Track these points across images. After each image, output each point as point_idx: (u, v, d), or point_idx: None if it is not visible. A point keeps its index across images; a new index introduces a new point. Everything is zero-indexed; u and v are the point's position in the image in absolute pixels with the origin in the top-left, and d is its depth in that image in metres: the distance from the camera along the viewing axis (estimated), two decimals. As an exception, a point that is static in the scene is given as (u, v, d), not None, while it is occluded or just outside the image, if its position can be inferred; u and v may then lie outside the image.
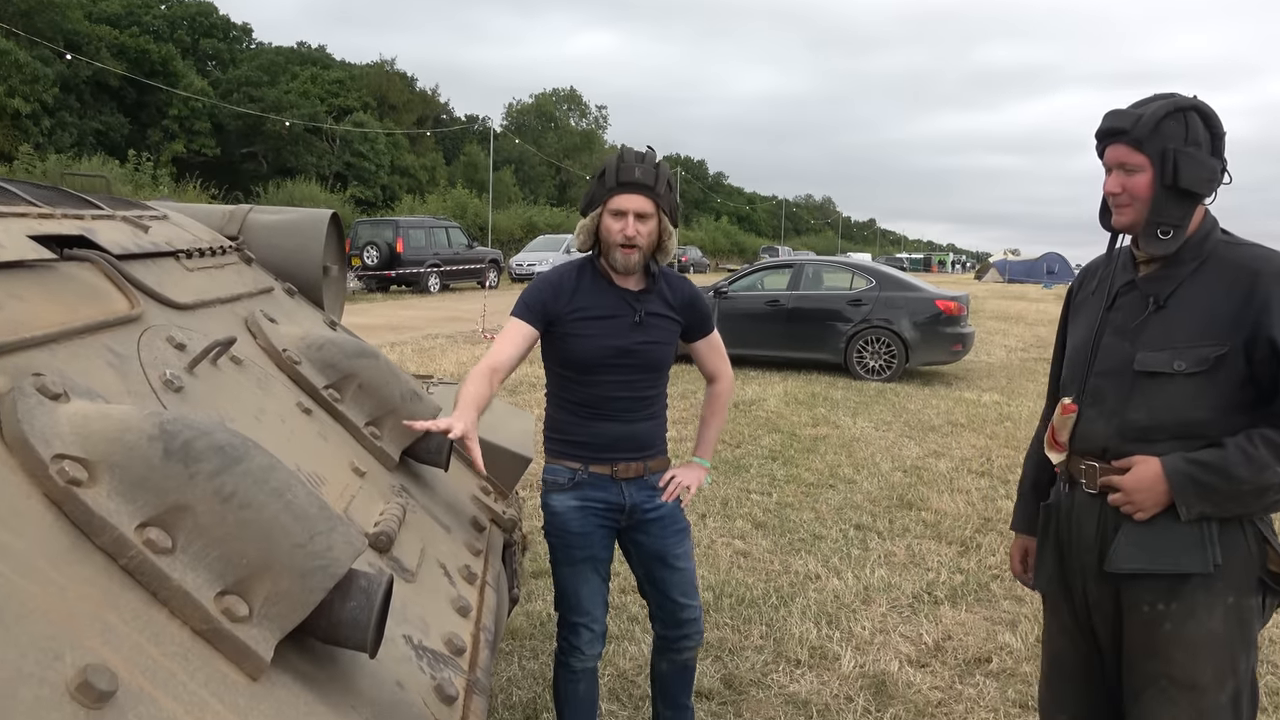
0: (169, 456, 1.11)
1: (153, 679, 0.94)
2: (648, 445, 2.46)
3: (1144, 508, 1.84)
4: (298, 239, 2.66)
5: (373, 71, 56.26)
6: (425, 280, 22.21)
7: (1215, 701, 1.80)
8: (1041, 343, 16.02)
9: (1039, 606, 4.05)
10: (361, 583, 1.20)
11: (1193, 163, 1.79)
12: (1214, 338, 1.80)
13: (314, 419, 1.91)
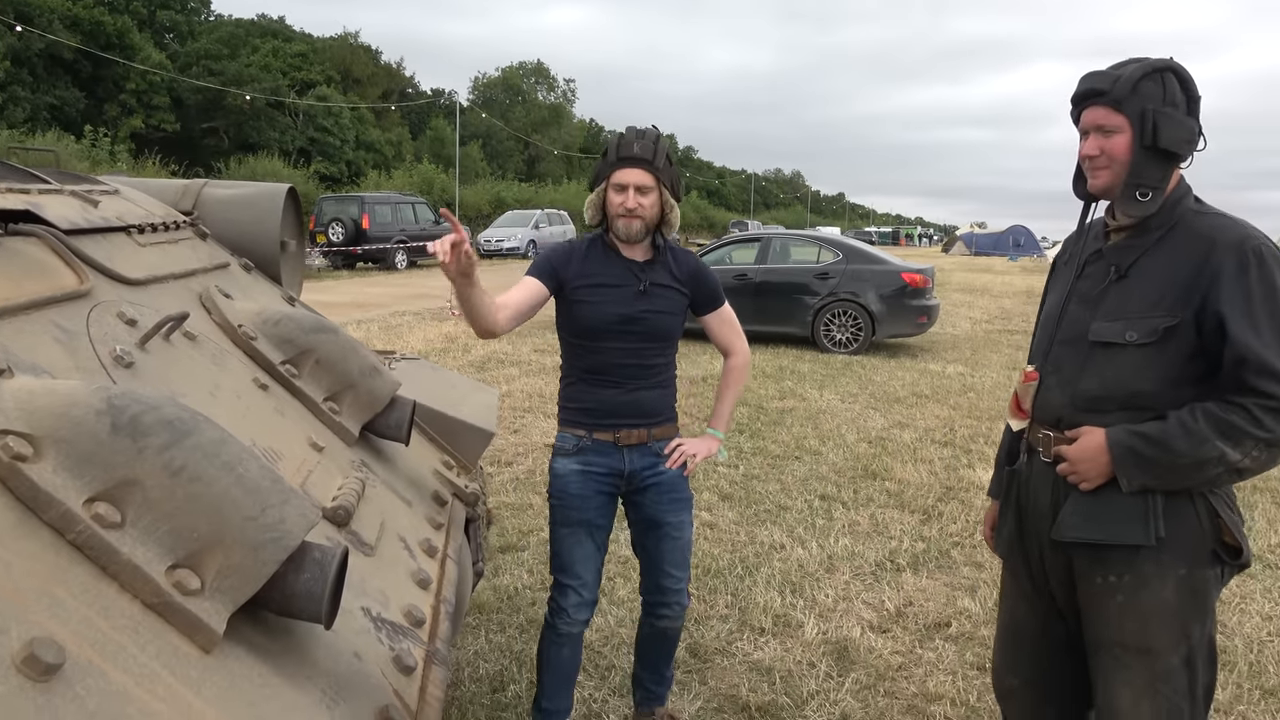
0: (117, 431, 1.10)
1: (102, 652, 0.94)
2: (652, 413, 2.52)
3: (1088, 478, 1.86)
4: (254, 214, 2.63)
5: (336, 44, 55.30)
6: (392, 257, 22.01)
7: (1168, 664, 1.83)
8: (1006, 314, 16.21)
9: (998, 573, 4.13)
10: (315, 555, 1.21)
11: (1172, 123, 1.78)
12: (1166, 309, 1.80)
13: (271, 395, 1.90)
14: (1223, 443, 1.71)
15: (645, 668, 2.75)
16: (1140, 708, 1.84)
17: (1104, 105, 1.82)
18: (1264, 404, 1.69)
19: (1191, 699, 1.85)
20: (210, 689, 1.03)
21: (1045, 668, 2.10)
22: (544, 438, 6.29)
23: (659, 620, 2.64)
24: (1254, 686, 3.17)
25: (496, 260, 27.88)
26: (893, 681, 3.16)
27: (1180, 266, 1.79)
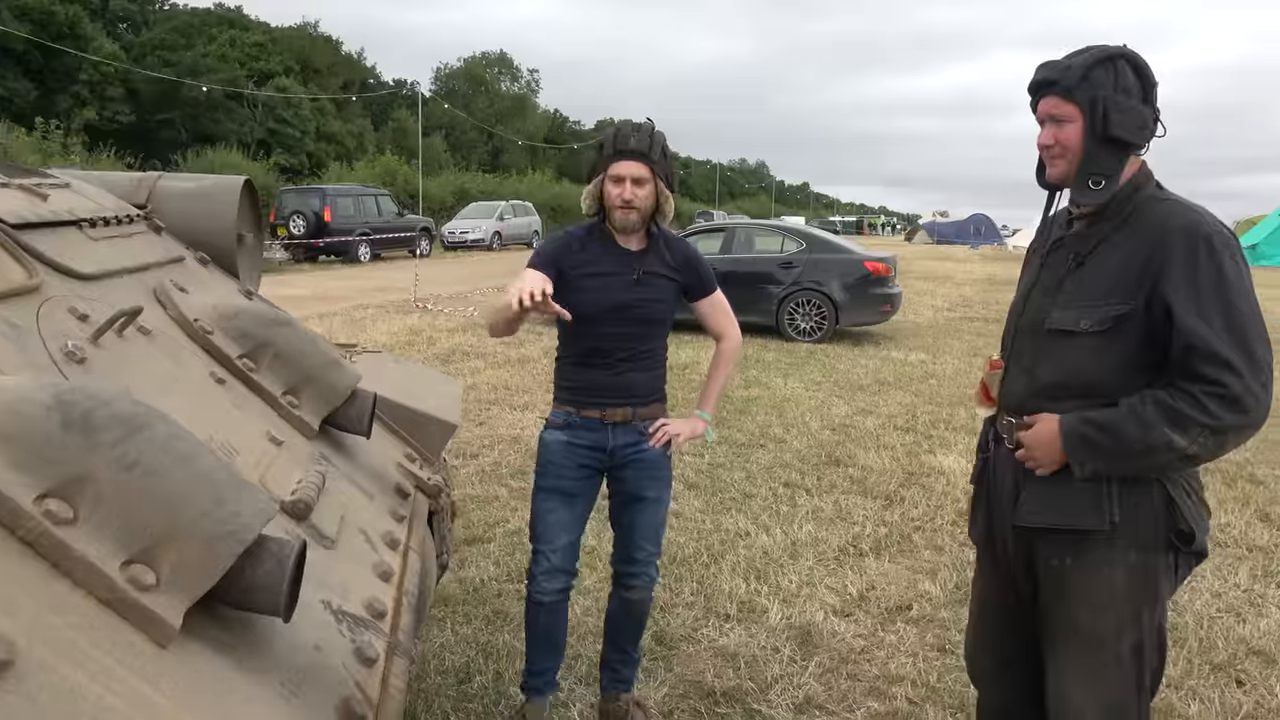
0: (67, 427, 1.10)
1: (55, 649, 0.94)
2: (639, 393, 2.62)
3: (1042, 464, 1.88)
4: (210, 206, 2.60)
5: (295, 34, 54.44)
6: (355, 249, 21.77)
7: (1116, 651, 1.84)
8: (967, 302, 16.42)
9: (958, 556, 4.22)
10: (273, 548, 1.21)
11: (1123, 110, 1.78)
12: (1119, 296, 1.80)
13: (228, 389, 1.88)
14: (1170, 429, 1.71)
15: (613, 648, 2.79)
16: (1087, 693, 1.87)
17: (1056, 95, 1.83)
18: (1211, 391, 1.69)
19: (1139, 687, 1.86)
20: (168, 684, 1.02)
21: (1010, 652, 2.12)
22: (509, 430, 6.28)
23: (627, 591, 2.71)
24: (1204, 662, 3.26)
25: (461, 252, 27.71)
26: (855, 664, 3.21)
27: (1133, 254, 1.79)
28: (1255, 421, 1.71)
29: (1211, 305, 1.70)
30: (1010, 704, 2.16)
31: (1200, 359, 1.70)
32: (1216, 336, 1.69)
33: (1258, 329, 1.71)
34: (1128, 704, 1.85)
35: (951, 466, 5.65)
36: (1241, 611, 3.69)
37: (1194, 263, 1.71)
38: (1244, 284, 1.72)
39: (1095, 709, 1.85)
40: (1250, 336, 1.70)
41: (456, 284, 16.79)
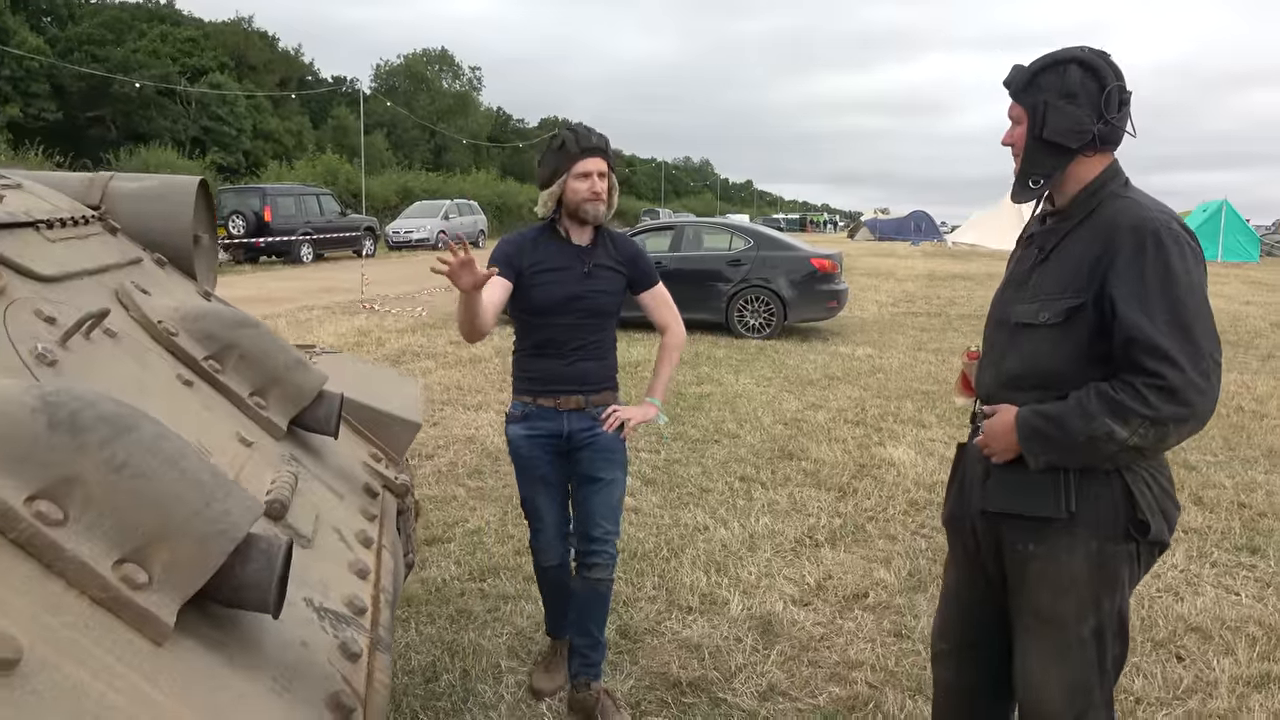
0: (54, 428, 1.09)
1: (55, 647, 0.94)
2: (591, 381, 2.80)
3: (997, 453, 1.94)
4: (165, 207, 2.56)
5: (229, 29, 53.22)
6: (297, 250, 21.39)
7: (1077, 635, 1.90)
8: (910, 297, 16.74)
9: (910, 545, 4.33)
10: (261, 545, 1.22)
11: (1059, 114, 1.83)
12: (1074, 290, 1.85)
13: (196, 391, 1.87)
14: (1112, 420, 1.75)
15: (580, 633, 2.84)
16: (1049, 674, 1.93)
17: (1012, 96, 1.92)
18: (1151, 383, 1.73)
19: (1100, 670, 1.92)
20: (165, 680, 1.03)
21: (975, 635, 2.17)
22: (464, 430, 6.26)
23: (589, 570, 2.81)
24: (1146, 640, 3.40)
25: (405, 252, 27.39)
26: (816, 651, 3.28)
27: (1088, 249, 1.84)
28: (1198, 414, 1.74)
29: (1155, 299, 1.74)
30: (975, 686, 2.22)
31: (1141, 351, 1.75)
32: (1158, 330, 1.73)
33: (1203, 324, 1.75)
34: (1090, 684, 1.92)
35: (901, 458, 5.78)
36: (1179, 591, 3.85)
37: (1140, 258, 1.76)
38: (1191, 279, 1.76)
39: (1058, 688, 1.92)
40: (1194, 331, 1.73)
41: (403, 284, 16.61)
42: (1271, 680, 3.12)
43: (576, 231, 2.77)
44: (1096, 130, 1.85)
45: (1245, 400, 7.83)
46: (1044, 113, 1.85)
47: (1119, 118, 1.87)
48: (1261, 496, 5.15)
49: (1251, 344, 11.36)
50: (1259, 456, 6.05)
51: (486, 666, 3.10)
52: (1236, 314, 14.42)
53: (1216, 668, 3.20)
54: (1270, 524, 4.71)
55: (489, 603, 3.60)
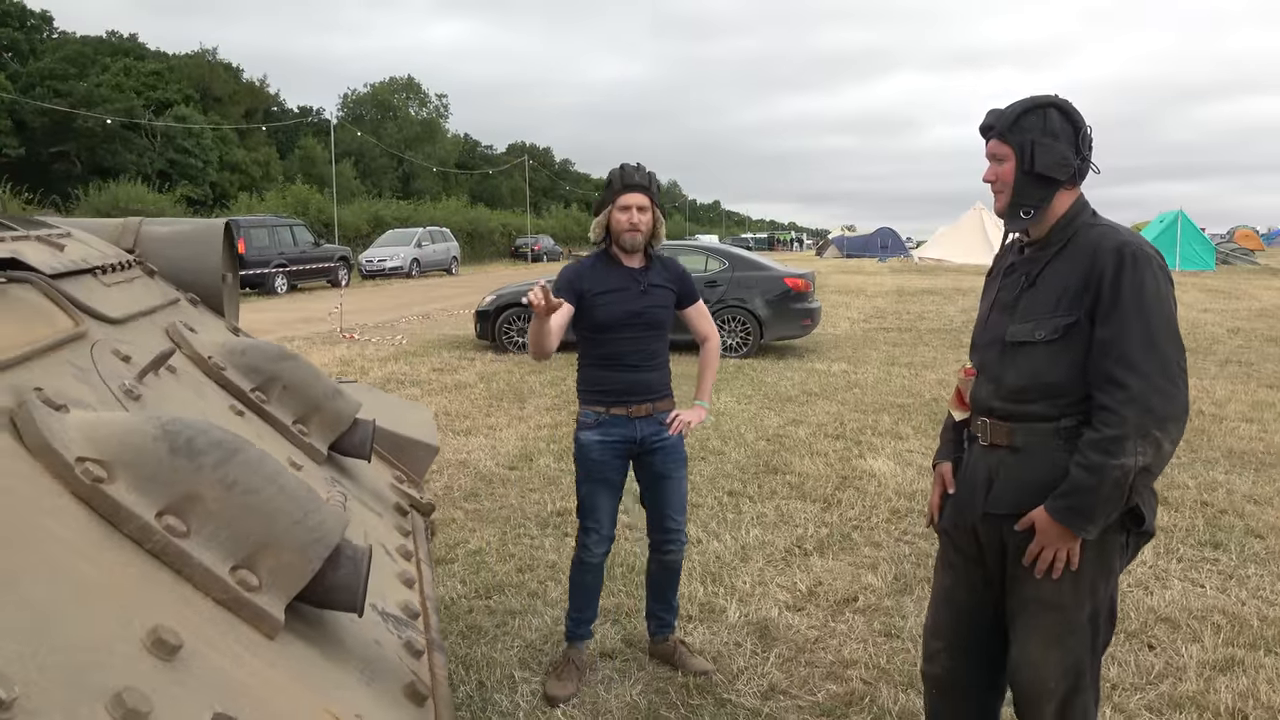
0: (175, 453, 1.26)
1: (200, 638, 1.11)
2: (655, 390, 3.16)
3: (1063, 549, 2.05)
4: (194, 249, 2.72)
5: (193, 62, 53.11)
6: (271, 281, 21.40)
7: (1076, 619, 2.09)
8: (880, 314, 17.09)
9: (895, 551, 4.53)
10: (349, 552, 1.39)
11: (1047, 151, 2.06)
12: (1065, 308, 2.04)
13: (247, 420, 2.03)
14: (1112, 459, 1.93)
15: (656, 599, 3.36)
16: (1049, 656, 2.12)
17: (995, 137, 2.13)
18: (1119, 396, 1.95)
19: (1093, 651, 2.13)
20: (282, 668, 1.20)
21: (971, 635, 2.34)
22: (456, 455, 6.40)
23: (664, 555, 3.28)
24: (1119, 630, 3.61)
25: (380, 280, 27.43)
26: (812, 653, 3.46)
27: (1074, 271, 2.06)
28: (1171, 415, 1.96)
29: (1129, 312, 1.97)
30: (969, 682, 2.38)
31: (1111, 359, 1.98)
32: (1129, 340, 1.96)
33: (1170, 335, 1.98)
34: (1083, 665, 2.12)
35: (881, 469, 6.00)
36: (1149, 585, 4.08)
37: (1120, 276, 1.99)
38: (1160, 293, 1.99)
39: (1055, 669, 2.11)
40: (1161, 340, 1.96)
41: (380, 313, 16.69)
42: (1236, 664, 3.34)
43: (627, 256, 3.11)
44: (1076, 165, 2.09)
45: (1205, 404, 8.16)
46: (1032, 150, 2.07)
47: (1089, 156, 2.12)
48: (1222, 495, 5.42)
49: (1210, 350, 11.77)
50: (1219, 457, 6.33)
51: (501, 678, 3.24)
52: (1195, 321, 14.88)
53: (1185, 654, 3.41)
54: (1231, 520, 4.97)
55: (497, 618, 3.74)
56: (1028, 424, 2.14)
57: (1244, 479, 5.79)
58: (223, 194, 43.90)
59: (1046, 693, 2.13)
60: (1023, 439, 2.15)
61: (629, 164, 3.11)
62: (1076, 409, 2.07)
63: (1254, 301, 19.24)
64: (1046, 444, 2.11)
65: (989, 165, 2.18)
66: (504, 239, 48.41)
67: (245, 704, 1.05)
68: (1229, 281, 25.76)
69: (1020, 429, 2.15)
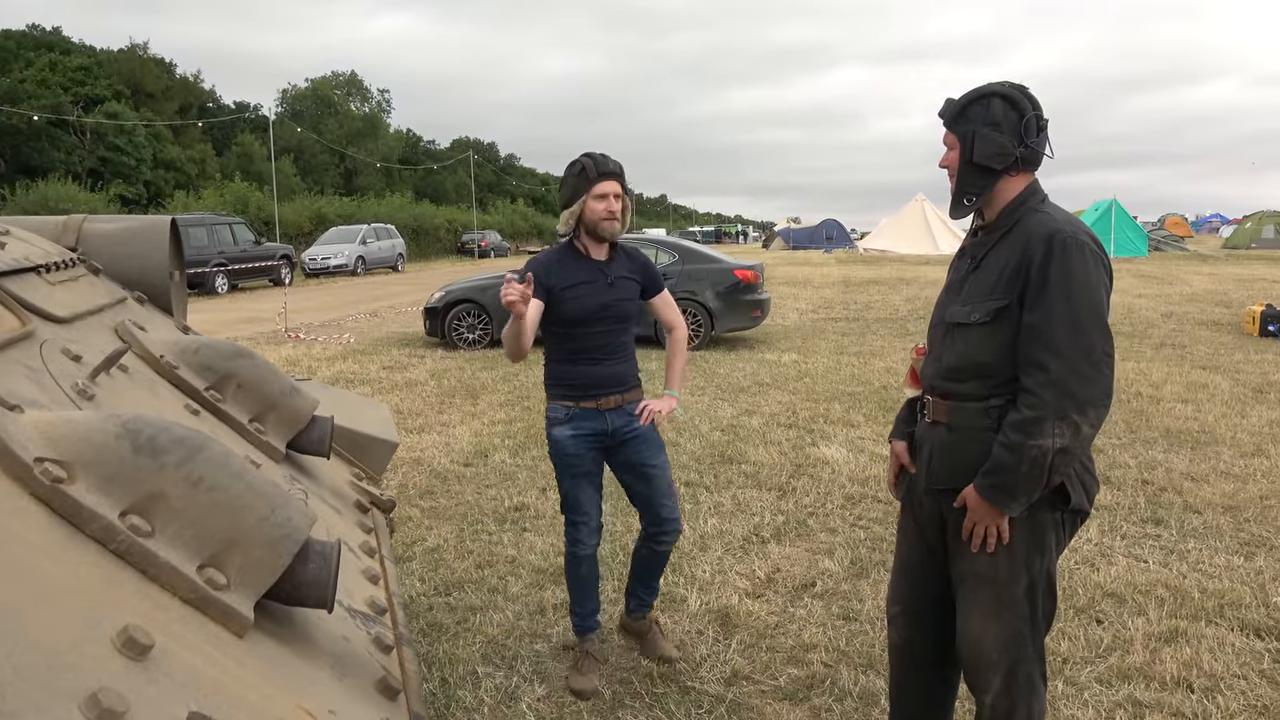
0: (138, 452, 1.23)
1: (170, 638, 1.09)
2: (623, 381, 3.15)
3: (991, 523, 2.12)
4: (140, 247, 2.65)
5: (123, 57, 51.59)
6: (211, 281, 20.91)
7: (1011, 592, 2.16)
8: (828, 304, 17.29)
9: (850, 536, 4.60)
10: (317, 548, 1.37)
11: (985, 141, 2.10)
12: (1000, 292, 2.10)
13: (203, 419, 1.99)
14: (1032, 439, 1.99)
15: (639, 581, 3.37)
16: (988, 628, 2.19)
17: (946, 126, 2.19)
18: (1040, 379, 2.01)
19: (1032, 624, 2.19)
20: (252, 667, 1.18)
21: (922, 600, 2.42)
22: (409, 453, 6.33)
23: (659, 545, 3.26)
24: (1068, 606, 3.72)
25: (324, 279, 26.97)
26: (772, 638, 3.50)
27: (1010, 257, 2.11)
28: (1092, 398, 2.00)
29: (1055, 297, 2.02)
30: (922, 645, 2.47)
31: (1035, 343, 2.04)
32: (1053, 325, 2.01)
33: (1095, 320, 2.02)
34: (1023, 637, 2.18)
35: (834, 456, 6.08)
36: (1095, 562, 4.21)
37: (1049, 263, 2.04)
38: (1089, 279, 2.03)
39: (995, 641, 2.18)
40: (1085, 326, 2.01)
41: (326, 312, 16.43)
42: (1179, 635, 3.46)
43: (595, 248, 3.10)
44: (1019, 154, 2.13)
45: (1143, 386, 8.42)
46: (972, 140, 2.13)
47: (1037, 142, 2.15)
48: (1161, 474, 5.60)
49: (1145, 334, 12.14)
50: (1157, 437, 6.54)
51: (464, 674, 3.23)
52: (1130, 306, 15.33)
53: (1131, 627, 3.53)
54: (1170, 498, 5.14)
55: (457, 615, 3.72)
56: (961, 403, 2.21)
57: (1181, 457, 5.99)
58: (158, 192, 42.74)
59: (989, 664, 2.20)
60: (956, 417, 2.22)
61: (596, 153, 3.05)
62: (1005, 390, 2.12)
63: (1185, 286, 19.89)
64: (977, 423, 2.17)
65: (945, 151, 2.23)
66: (450, 235, 47.91)
67: (219, 702, 1.04)
68: (1161, 267, 26.59)
69: (955, 407, 2.22)
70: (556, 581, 4.03)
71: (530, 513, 5.03)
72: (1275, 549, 4.34)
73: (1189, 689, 3.08)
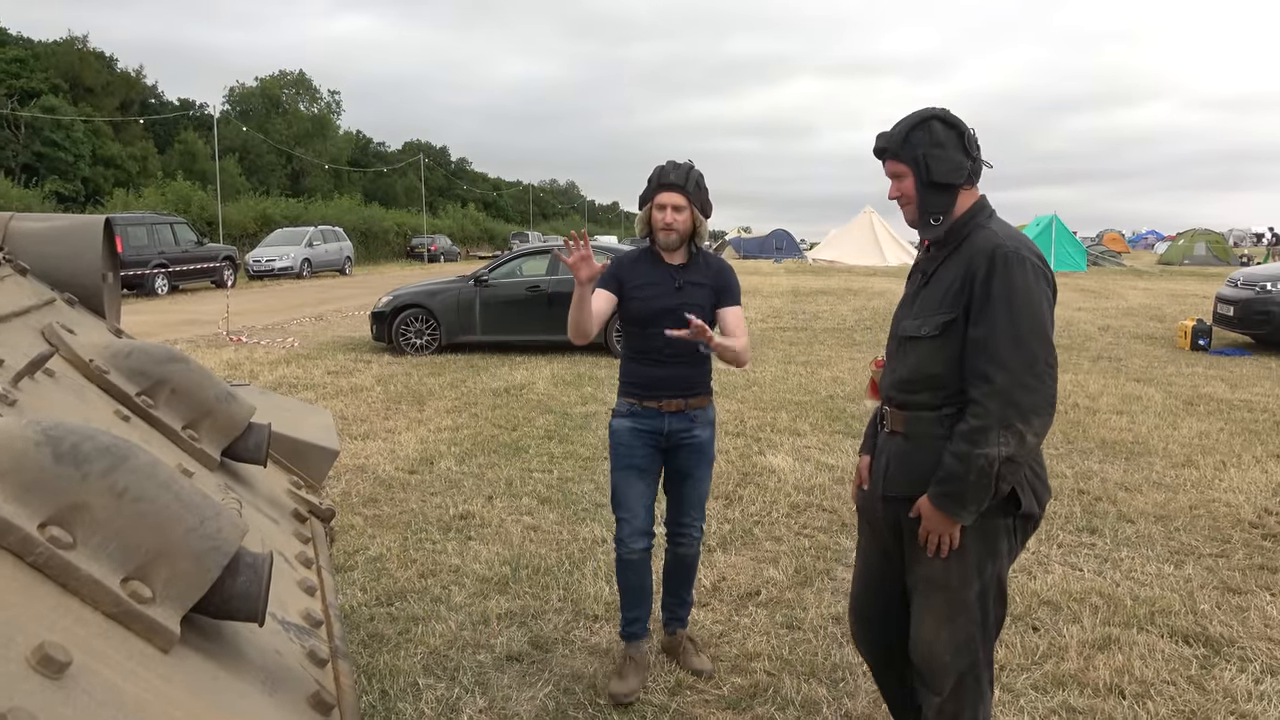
0: (59, 460, 1.19)
1: (90, 654, 1.05)
2: (689, 385, 3.15)
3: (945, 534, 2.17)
4: (70, 247, 2.57)
5: (61, 50, 50.12)
6: (151, 282, 20.39)
7: (964, 597, 2.21)
8: (777, 313, 17.44)
9: (795, 545, 4.64)
10: (248, 559, 1.33)
11: (939, 160, 2.18)
12: (948, 307, 2.17)
13: (133, 426, 1.93)
14: (977, 449, 2.05)
15: (669, 593, 3.38)
16: (940, 633, 2.24)
17: (890, 158, 2.24)
18: (985, 390, 2.07)
19: (983, 629, 2.24)
20: (179, 683, 1.15)
21: (887, 601, 2.46)
22: (354, 460, 6.23)
23: (678, 547, 3.31)
24: (1005, 613, 3.78)
25: (269, 281, 26.47)
26: (717, 647, 3.51)
27: (957, 272, 2.18)
28: (1035, 408, 2.06)
29: (998, 311, 2.09)
30: (889, 645, 2.51)
31: (979, 355, 2.10)
32: (995, 338, 2.08)
33: (1038, 333, 2.08)
34: (974, 643, 2.23)
35: (781, 465, 6.13)
36: (1032, 570, 4.29)
37: (991, 277, 2.10)
38: (1031, 293, 2.09)
39: (947, 646, 2.22)
40: (1027, 338, 2.07)
41: (269, 314, 16.12)
42: (1112, 642, 3.54)
43: (668, 253, 3.14)
44: (969, 168, 2.21)
45: (1080, 398, 8.63)
46: (926, 162, 2.19)
47: (979, 155, 2.24)
48: (1097, 483, 5.75)
49: (1083, 347, 12.46)
50: (1094, 448, 6.71)
51: (404, 685, 3.18)
52: (1069, 319, 15.73)
53: (1066, 634, 3.61)
54: (1105, 507, 5.27)
55: (399, 625, 3.66)
56: (915, 412, 2.26)
57: (1116, 468, 6.16)
58: (96, 190, 41.58)
59: (941, 668, 2.24)
60: (911, 426, 2.28)
61: (671, 161, 3.12)
62: (957, 399, 2.18)
63: (1121, 300, 20.47)
64: (931, 431, 2.23)
65: (891, 184, 2.29)
66: (399, 239, 47.39)
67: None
68: (1099, 282, 27.34)
69: (910, 417, 2.28)
70: (501, 591, 4.00)
71: (476, 521, 4.98)
72: (1204, 557, 4.48)
73: (1121, 695, 3.15)
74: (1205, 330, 12.17)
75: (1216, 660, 3.41)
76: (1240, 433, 7.23)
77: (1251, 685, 3.21)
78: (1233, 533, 4.82)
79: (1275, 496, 5.48)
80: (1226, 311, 12.28)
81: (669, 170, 3.09)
